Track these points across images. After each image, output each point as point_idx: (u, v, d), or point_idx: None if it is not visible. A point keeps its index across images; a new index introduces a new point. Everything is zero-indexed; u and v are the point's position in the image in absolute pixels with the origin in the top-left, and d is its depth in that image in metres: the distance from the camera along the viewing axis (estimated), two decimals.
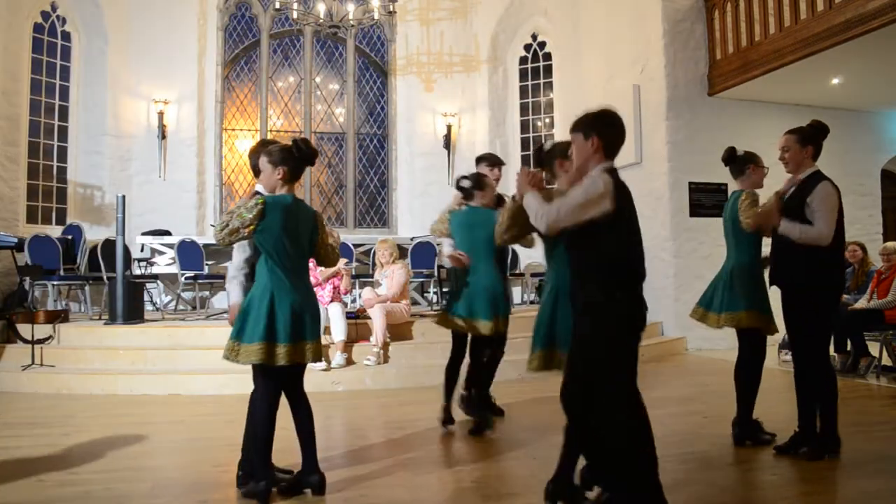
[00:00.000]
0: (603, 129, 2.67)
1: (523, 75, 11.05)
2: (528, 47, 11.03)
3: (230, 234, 2.99)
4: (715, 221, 5.56)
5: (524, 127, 11.03)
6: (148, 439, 4.38)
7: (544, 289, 3.24)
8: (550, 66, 10.88)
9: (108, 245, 8.03)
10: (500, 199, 4.78)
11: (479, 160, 4.82)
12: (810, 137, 3.67)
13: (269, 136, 10.53)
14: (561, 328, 3.02)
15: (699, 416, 4.39)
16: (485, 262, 4.27)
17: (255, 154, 3.38)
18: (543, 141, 3.35)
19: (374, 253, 7.42)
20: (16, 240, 7.55)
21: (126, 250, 7.19)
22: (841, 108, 9.02)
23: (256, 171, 3.34)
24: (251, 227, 2.99)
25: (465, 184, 4.32)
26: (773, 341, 4.91)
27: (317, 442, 3.20)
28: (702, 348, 7.99)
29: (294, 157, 3.12)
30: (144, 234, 9.09)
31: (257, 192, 3.24)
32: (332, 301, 6.42)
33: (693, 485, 3.27)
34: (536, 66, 10.99)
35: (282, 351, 3.00)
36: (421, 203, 10.64)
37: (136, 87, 9.76)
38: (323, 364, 6.13)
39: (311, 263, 6.53)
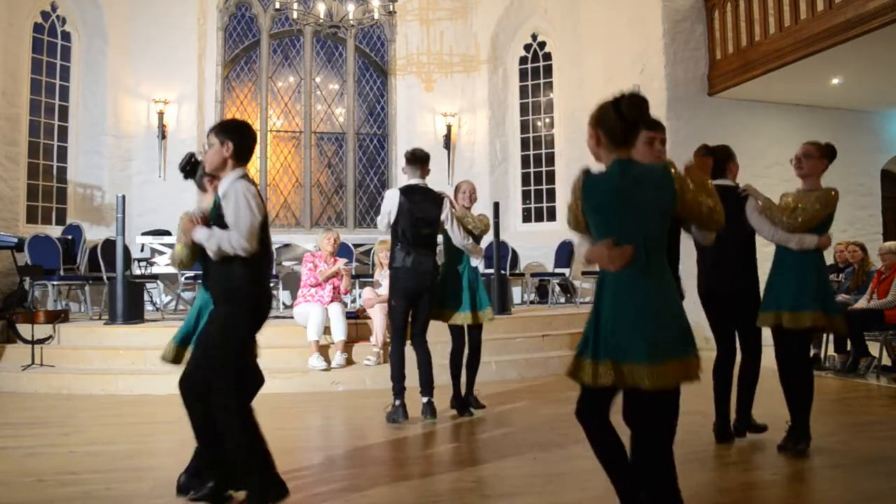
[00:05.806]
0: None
1: (523, 75, 11.04)
2: (528, 47, 11.02)
3: None
4: None
5: (524, 127, 11.02)
6: (148, 439, 4.38)
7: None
8: (550, 66, 10.87)
9: (108, 245, 8.02)
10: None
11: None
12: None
13: (269, 136, 10.56)
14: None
15: (699, 416, 4.38)
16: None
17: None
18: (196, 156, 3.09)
19: (374, 253, 7.42)
20: (16, 240, 7.52)
21: (126, 250, 7.19)
22: (841, 108, 9.02)
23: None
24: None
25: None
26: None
27: (317, 441, 3.19)
28: (701, 348, 7.97)
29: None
30: (144, 234, 9.08)
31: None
32: (332, 301, 6.42)
33: (693, 485, 3.27)
34: (536, 66, 10.98)
35: None
36: None
37: (136, 87, 9.75)
38: (323, 364, 6.14)
39: (311, 264, 6.58)
